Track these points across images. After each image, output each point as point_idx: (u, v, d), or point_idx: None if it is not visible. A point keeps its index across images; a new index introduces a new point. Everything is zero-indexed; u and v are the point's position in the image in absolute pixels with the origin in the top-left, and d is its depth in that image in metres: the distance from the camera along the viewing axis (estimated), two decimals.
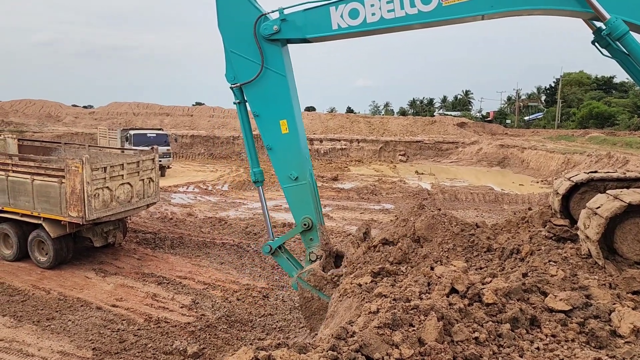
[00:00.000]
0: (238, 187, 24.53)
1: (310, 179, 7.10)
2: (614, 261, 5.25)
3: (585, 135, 44.60)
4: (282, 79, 6.93)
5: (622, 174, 7.29)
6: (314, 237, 7.19)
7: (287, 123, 6.96)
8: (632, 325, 3.83)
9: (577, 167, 26.76)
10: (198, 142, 42.58)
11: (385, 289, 4.74)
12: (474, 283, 4.44)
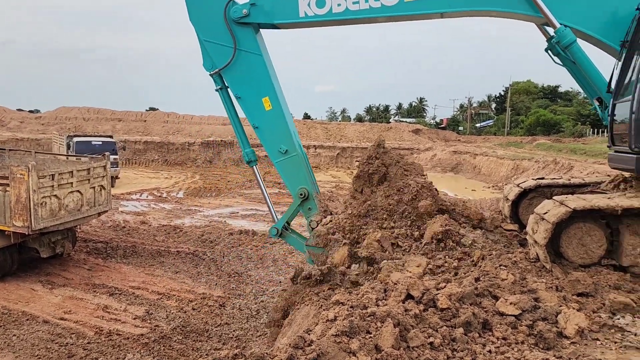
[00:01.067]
0: (194, 194, 24.15)
1: (300, 151, 7.22)
2: (560, 264, 5.46)
3: (533, 142, 46.32)
4: (258, 58, 7.13)
5: (567, 180, 7.63)
6: (312, 206, 7.28)
7: (269, 100, 7.13)
8: (577, 326, 3.99)
9: (526, 173, 27.77)
10: (152, 149, 41.68)
11: (343, 296, 4.77)
12: (429, 289, 4.53)
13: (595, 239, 5.42)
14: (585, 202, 5.31)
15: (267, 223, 17.53)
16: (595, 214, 5.39)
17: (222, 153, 41.81)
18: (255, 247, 14.01)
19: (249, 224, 17.37)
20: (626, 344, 3.87)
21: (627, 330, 4.10)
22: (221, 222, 17.48)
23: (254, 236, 15.05)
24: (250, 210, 20.23)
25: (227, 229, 16.09)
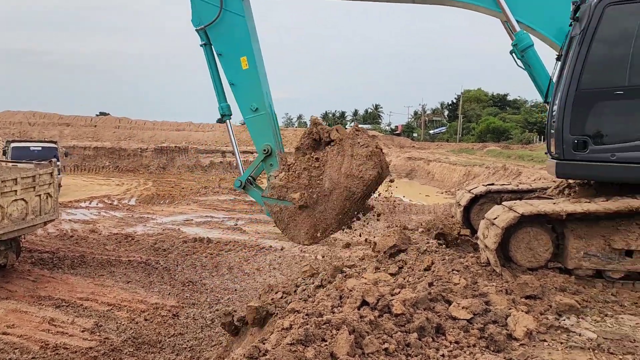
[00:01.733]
0: (146, 202, 23.56)
1: (269, 110, 7.52)
2: (509, 268, 5.63)
3: (483, 148, 47.73)
4: (241, 20, 7.43)
5: (516, 186, 7.88)
6: (273, 162, 7.52)
7: (247, 60, 7.42)
8: (526, 328, 4.11)
9: (477, 179, 28.60)
10: (102, 155, 40.45)
11: (298, 304, 4.74)
12: (383, 295, 4.56)
13: (542, 243, 5.61)
14: (532, 207, 5.49)
15: (222, 230, 17.33)
16: (541, 219, 5.58)
17: (176, 159, 41.03)
18: (210, 255, 13.79)
19: (203, 231, 17.08)
20: (571, 344, 4.01)
21: (572, 331, 4.25)
22: (175, 229, 17.12)
23: (208, 244, 14.81)
24: (204, 217, 19.91)
25: (181, 236, 15.78)
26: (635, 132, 5.44)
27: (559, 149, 5.74)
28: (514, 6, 6.52)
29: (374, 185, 6.70)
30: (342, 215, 6.55)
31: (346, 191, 6.36)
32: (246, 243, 15.08)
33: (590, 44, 5.49)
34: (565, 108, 5.62)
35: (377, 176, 6.44)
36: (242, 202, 23.42)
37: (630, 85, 5.41)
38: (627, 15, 5.46)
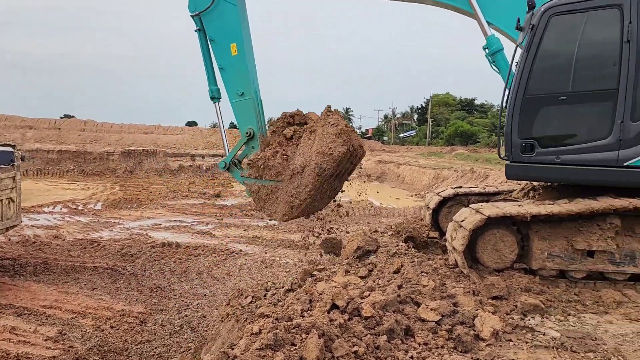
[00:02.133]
0: (113, 206, 23.08)
1: (254, 96, 7.87)
2: (476, 269, 5.72)
3: (452, 152, 48.53)
4: (233, 8, 7.81)
5: (483, 189, 8.04)
6: (255, 145, 7.83)
7: (236, 46, 7.83)
8: (492, 328, 4.18)
9: (446, 182, 29.01)
10: (67, 158, 39.46)
11: (268, 308, 4.71)
12: (353, 298, 4.57)
13: (508, 245, 5.73)
14: (499, 209, 5.60)
15: (191, 235, 17.11)
16: (507, 221, 5.70)
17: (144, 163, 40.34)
18: (179, 260, 13.58)
19: (172, 235, 16.82)
20: (536, 343, 4.10)
21: (536, 330, 4.35)
22: (142, 234, 16.81)
23: (177, 248, 14.59)
24: (173, 221, 19.62)
25: (149, 241, 15.49)
26: (578, 136, 5.74)
27: (508, 152, 6.01)
28: (485, 8, 6.70)
29: (345, 163, 6.99)
30: (314, 192, 6.77)
31: (317, 168, 6.58)
32: (216, 247, 14.91)
33: (536, 51, 5.76)
34: (513, 112, 5.89)
35: (347, 153, 6.69)
36: (212, 206, 23.18)
37: (573, 91, 5.70)
38: (570, 25, 5.72)
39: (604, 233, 5.46)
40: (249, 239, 16.39)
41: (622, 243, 5.52)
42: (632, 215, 5.48)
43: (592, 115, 5.75)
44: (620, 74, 5.43)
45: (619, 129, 5.46)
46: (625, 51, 5.41)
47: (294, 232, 17.39)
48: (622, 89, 5.43)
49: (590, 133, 5.67)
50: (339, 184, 7.53)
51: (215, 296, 11.00)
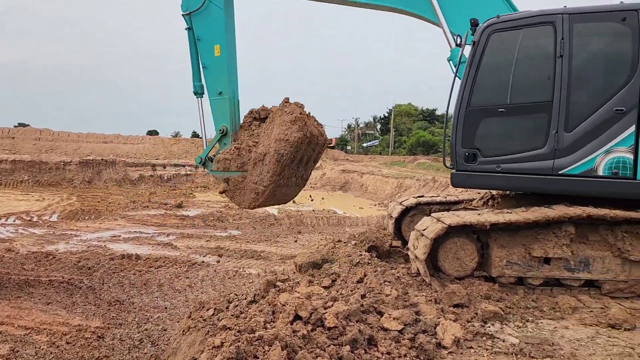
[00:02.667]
0: (70, 217, 22.35)
1: (232, 96, 8.32)
2: (438, 278, 5.80)
3: (414, 161, 49.25)
4: (220, 12, 8.26)
5: (444, 198, 8.17)
6: (227, 142, 8.28)
7: (219, 48, 8.31)
8: (453, 336, 4.24)
9: (409, 191, 29.41)
10: (21, 168, 37.99)
11: (230, 320, 4.63)
12: (316, 308, 4.55)
13: (468, 253, 5.83)
14: (459, 218, 5.70)
15: (152, 246, 16.73)
16: (467, 229, 5.81)
17: (102, 173, 39.28)
18: (139, 272, 13.24)
19: (132, 247, 16.40)
20: (496, 350, 4.17)
21: (496, 337, 4.43)
22: (101, 246, 16.33)
23: (137, 260, 14.22)
24: (133, 232, 19.15)
25: (108, 253, 15.06)
26: (516, 146, 6.02)
27: (453, 161, 6.30)
28: (451, 19, 6.90)
29: (305, 149, 7.50)
30: (276, 177, 7.21)
31: (276, 154, 7.05)
32: (177, 259, 14.62)
33: (478, 66, 6.07)
34: (457, 124, 6.18)
35: (303, 138, 7.16)
36: (174, 217, 22.75)
37: (512, 103, 6.01)
38: (508, 41, 6.04)
39: (560, 240, 5.64)
40: (212, 249, 16.15)
41: (577, 250, 5.71)
42: (585, 223, 5.69)
43: (529, 126, 6.06)
44: (554, 87, 5.76)
45: (554, 139, 5.76)
46: (558, 65, 5.75)
47: (257, 243, 17.26)
48: (556, 101, 5.75)
49: (528, 143, 5.98)
50: (304, 171, 7.94)
51: (176, 309, 10.77)
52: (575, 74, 5.71)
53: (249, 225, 20.89)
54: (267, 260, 14.53)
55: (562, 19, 5.75)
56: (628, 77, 5.56)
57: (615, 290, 5.71)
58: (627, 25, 5.57)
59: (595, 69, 5.78)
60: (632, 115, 5.55)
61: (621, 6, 5.64)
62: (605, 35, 5.76)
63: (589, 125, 5.69)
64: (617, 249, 5.64)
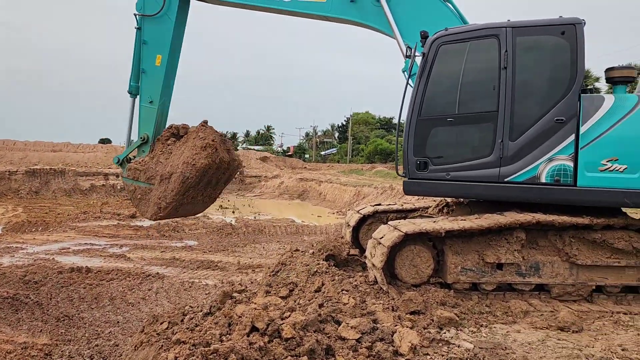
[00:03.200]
0: (15, 229, 21.36)
1: (161, 107, 8.56)
2: (395, 285, 5.84)
3: (372, 169, 49.80)
4: (170, 25, 8.46)
5: (401, 206, 8.26)
6: (145, 149, 8.56)
7: (161, 59, 8.51)
8: (410, 343, 4.26)
9: (367, 199, 29.69)
10: None
11: (184, 334, 4.50)
12: (273, 319, 4.49)
13: (424, 260, 5.91)
14: (415, 226, 5.78)
15: (103, 258, 16.19)
16: (423, 237, 5.89)
17: (51, 183, 37.83)
18: (90, 286, 12.76)
19: (82, 260, 15.81)
20: (451, 355, 4.22)
21: (452, 343, 4.48)
22: (49, 259, 15.66)
23: (88, 273, 13.71)
24: (83, 244, 18.47)
25: (56, 267, 14.45)
26: (465, 154, 6.23)
27: (406, 169, 6.45)
28: (406, 32, 7.04)
29: (214, 173, 7.88)
30: (180, 197, 7.59)
31: (181, 176, 7.42)
32: (131, 271, 14.18)
33: (427, 77, 6.27)
34: (409, 133, 6.35)
35: (210, 165, 7.55)
36: (127, 227, 22.10)
37: (460, 113, 6.23)
38: (456, 53, 6.26)
39: (511, 246, 5.80)
40: (167, 260, 15.77)
41: (527, 255, 5.88)
42: (535, 229, 5.87)
43: (476, 135, 6.29)
44: (499, 97, 5.99)
45: (500, 147, 5.98)
46: (503, 77, 5.98)
47: (214, 253, 16.99)
48: (502, 111, 5.97)
49: (475, 151, 6.20)
50: (212, 191, 8.39)
51: (129, 323, 10.43)
52: (519, 85, 5.95)
53: (206, 235, 20.55)
54: (225, 271, 14.31)
55: (506, 32, 5.98)
56: (567, 88, 5.82)
57: (564, 293, 5.91)
58: (566, 38, 5.84)
59: (537, 80, 6.04)
60: (572, 124, 5.80)
61: (560, 20, 5.92)
62: (545, 48, 6.03)
63: (532, 134, 5.92)
64: (565, 253, 5.84)
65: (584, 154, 5.77)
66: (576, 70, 5.80)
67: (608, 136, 5.71)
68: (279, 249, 17.14)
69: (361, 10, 7.54)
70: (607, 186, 5.71)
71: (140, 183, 8.20)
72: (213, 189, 8.40)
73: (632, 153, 5.67)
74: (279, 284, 6.18)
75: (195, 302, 10.16)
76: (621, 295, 6.01)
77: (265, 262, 14.61)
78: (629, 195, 5.65)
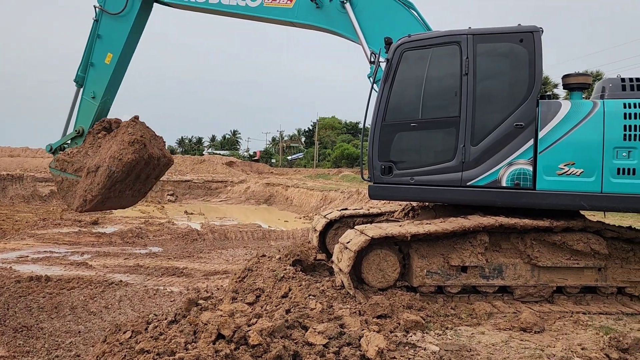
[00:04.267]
0: None
1: (102, 104, 8.61)
2: (362, 290, 5.86)
3: (339, 173, 49.97)
4: (126, 26, 8.47)
5: (367, 210, 8.31)
6: (79, 142, 8.65)
7: (111, 57, 8.52)
8: (377, 347, 4.27)
9: (333, 203, 29.78)
10: None
11: (148, 343, 4.41)
12: (240, 326, 4.44)
13: (391, 264, 5.96)
14: (381, 230, 5.82)
15: (64, 266, 15.71)
16: (390, 241, 5.94)
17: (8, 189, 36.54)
18: (49, 295, 12.33)
19: (41, 268, 15.28)
20: (418, 358, 4.26)
21: (418, 346, 4.53)
22: (5, 268, 15.07)
23: (47, 282, 13.25)
24: (43, 252, 17.87)
25: (14, 276, 13.92)
26: (428, 159, 6.37)
27: (371, 174, 6.52)
28: (371, 39, 7.13)
29: (143, 169, 8.07)
30: (106, 190, 7.69)
31: (108, 170, 7.54)
32: (92, 279, 13.78)
33: (392, 83, 6.36)
34: (374, 138, 6.42)
35: (137, 160, 7.71)
36: (89, 234, 21.51)
37: (423, 119, 6.36)
38: (419, 59, 6.40)
39: (475, 249, 5.91)
40: (130, 268, 15.41)
41: (491, 258, 6.00)
42: (498, 232, 6.00)
43: (439, 140, 6.43)
44: (461, 103, 6.13)
45: (462, 152, 6.12)
46: (464, 83, 6.12)
47: (179, 259, 16.71)
48: (463, 116, 6.11)
49: (438, 156, 6.33)
50: (142, 185, 8.58)
51: (91, 332, 10.12)
52: (479, 91, 6.09)
53: (171, 241, 20.19)
54: (190, 277, 14.08)
55: (467, 39, 6.13)
56: (526, 94, 6.00)
57: (526, 295, 6.05)
58: (524, 45, 6.02)
59: (497, 86, 6.20)
60: (531, 129, 5.97)
61: (519, 28, 6.10)
62: (505, 55, 6.21)
63: (492, 139, 6.07)
64: (527, 255, 5.99)
65: (542, 158, 5.94)
66: (534, 77, 5.98)
67: (565, 141, 5.90)
68: (245, 255, 16.98)
69: (327, 16, 7.61)
70: (564, 190, 5.89)
71: (68, 174, 8.29)
72: (143, 184, 8.59)
73: (587, 157, 5.86)
74: (246, 290, 6.12)
75: (160, 310, 9.99)
76: (580, 295, 6.21)
77: (231, 268, 14.46)
78: (585, 198, 5.84)
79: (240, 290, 6.21)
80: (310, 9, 7.66)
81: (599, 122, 5.83)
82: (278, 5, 7.92)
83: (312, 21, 7.77)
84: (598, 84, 6.45)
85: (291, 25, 8.15)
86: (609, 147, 5.79)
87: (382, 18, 7.29)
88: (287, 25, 8.23)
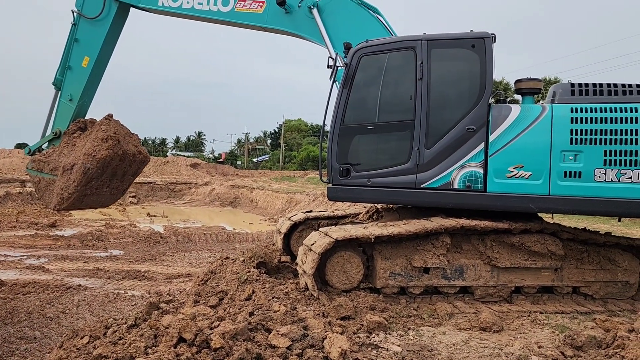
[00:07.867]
0: None
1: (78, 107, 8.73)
2: (326, 292, 5.88)
3: (304, 176, 49.98)
4: (103, 30, 8.58)
5: (332, 212, 8.34)
6: (56, 143, 8.78)
7: (88, 61, 8.66)
8: (340, 348, 4.28)
9: (299, 206, 29.75)
10: None
11: (107, 348, 4.29)
12: (202, 329, 4.38)
13: (354, 265, 6.00)
14: (346, 232, 5.85)
15: (19, 270, 15.16)
16: (354, 243, 5.98)
17: None
18: (3, 300, 11.87)
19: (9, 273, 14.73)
20: (380, 359, 4.30)
21: (381, 347, 4.57)
22: None
23: (1, 287, 12.76)
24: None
25: None
26: (384, 161, 6.51)
27: (329, 175, 6.65)
28: (336, 42, 7.23)
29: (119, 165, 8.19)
30: (82, 187, 7.77)
31: (83, 167, 7.64)
32: (49, 283, 13.34)
33: (350, 86, 6.49)
34: (332, 140, 6.55)
35: (112, 156, 7.81)
36: (46, 237, 20.81)
37: (379, 122, 6.51)
38: (376, 64, 6.53)
39: (437, 251, 6.01)
40: (90, 271, 14.99)
41: (452, 259, 6.12)
42: (459, 233, 6.12)
43: (394, 143, 6.56)
44: (416, 107, 6.27)
45: (416, 155, 6.27)
46: (419, 87, 6.28)
47: (141, 262, 16.36)
48: (418, 120, 6.26)
49: (393, 159, 6.47)
50: (120, 183, 8.68)
51: (47, 338, 9.79)
52: (433, 95, 6.24)
53: (132, 244, 19.75)
54: (152, 281, 13.79)
55: (422, 44, 6.27)
56: (477, 98, 6.17)
57: (486, 295, 6.19)
58: (476, 51, 6.20)
59: (450, 90, 6.37)
60: (482, 133, 6.14)
61: (471, 34, 6.27)
62: (458, 60, 6.38)
63: (445, 142, 6.22)
64: (487, 257, 6.13)
65: (492, 161, 6.11)
66: (485, 82, 6.15)
67: (514, 144, 6.08)
68: (209, 257, 16.76)
69: (295, 21, 7.71)
70: (514, 192, 6.07)
71: (44, 174, 8.38)
72: (120, 181, 8.67)
73: (536, 160, 6.04)
74: (209, 293, 6.04)
75: (121, 315, 9.75)
76: (538, 295, 6.39)
77: (194, 270, 14.24)
78: (534, 200, 6.03)
79: (203, 293, 6.13)
80: (280, 15, 7.76)
81: (547, 126, 6.02)
82: (249, 10, 8.01)
83: (282, 26, 7.87)
84: (550, 89, 6.66)
85: (262, 30, 8.24)
86: (556, 151, 5.98)
87: (347, 23, 7.37)
88: (258, 30, 8.32)
